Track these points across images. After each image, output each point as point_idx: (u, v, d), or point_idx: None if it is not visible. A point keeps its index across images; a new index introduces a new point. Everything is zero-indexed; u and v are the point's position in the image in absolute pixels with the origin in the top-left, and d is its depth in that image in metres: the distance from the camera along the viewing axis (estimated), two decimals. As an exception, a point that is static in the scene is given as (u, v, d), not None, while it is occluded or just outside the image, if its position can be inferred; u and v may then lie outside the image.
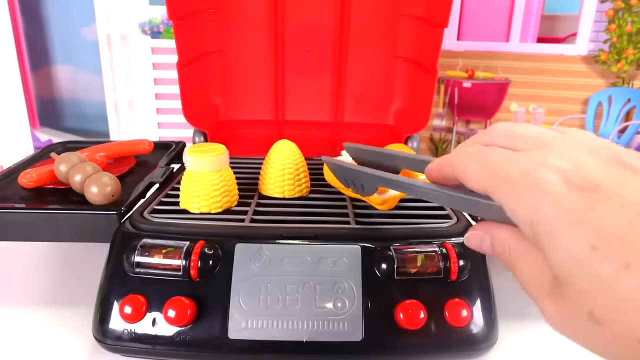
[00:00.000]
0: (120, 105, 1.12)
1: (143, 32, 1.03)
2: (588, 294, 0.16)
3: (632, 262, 0.14)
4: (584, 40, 1.40)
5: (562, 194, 0.16)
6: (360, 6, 0.62)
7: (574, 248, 0.16)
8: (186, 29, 0.59)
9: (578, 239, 0.16)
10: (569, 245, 0.16)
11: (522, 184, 0.17)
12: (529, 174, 0.17)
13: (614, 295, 0.15)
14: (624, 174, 0.16)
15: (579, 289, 0.16)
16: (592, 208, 0.15)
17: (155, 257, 0.36)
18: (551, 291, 0.17)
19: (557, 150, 0.18)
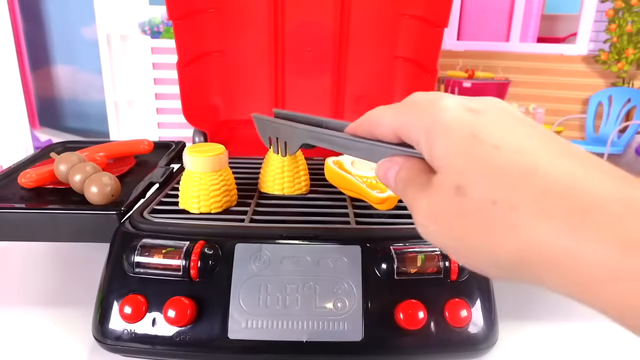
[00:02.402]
0: (120, 105, 1.12)
1: (143, 32, 1.03)
2: (459, 170, 0.19)
3: (503, 144, 0.19)
4: (584, 40, 1.40)
5: (457, 110, 0.21)
6: (360, 6, 0.62)
7: (457, 138, 0.20)
8: (186, 29, 0.59)
9: (463, 132, 0.20)
10: (454, 136, 0.20)
11: (427, 106, 0.22)
12: (433, 100, 0.22)
13: (481, 168, 0.19)
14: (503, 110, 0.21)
15: (453, 168, 0.20)
16: (478, 119, 0.20)
17: (155, 257, 0.36)
18: (428, 185, 0.21)
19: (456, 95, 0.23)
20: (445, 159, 0.20)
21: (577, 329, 0.42)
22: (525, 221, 0.17)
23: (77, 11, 1.09)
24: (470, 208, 0.19)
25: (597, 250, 0.16)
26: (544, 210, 0.17)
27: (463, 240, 0.19)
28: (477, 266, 0.20)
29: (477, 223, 0.19)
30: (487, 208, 0.18)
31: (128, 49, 1.07)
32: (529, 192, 0.17)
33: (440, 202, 0.20)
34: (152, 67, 1.07)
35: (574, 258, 0.16)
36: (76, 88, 1.17)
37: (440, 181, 0.20)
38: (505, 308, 0.40)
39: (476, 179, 0.19)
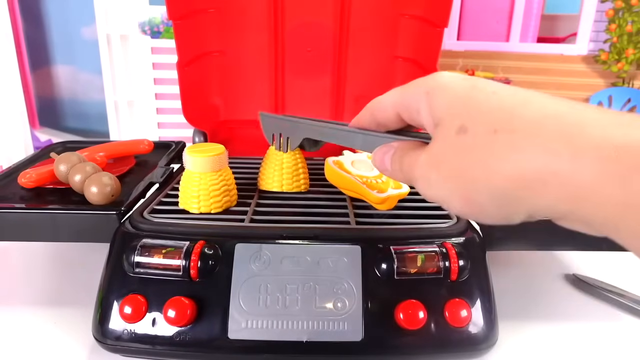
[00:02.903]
0: (120, 105, 1.12)
1: (143, 32, 1.03)
2: (461, 114, 0.21)
3: (499, 90, 0.21)
4: (584, 40, 1.40)
5: (454, 76, 0.23)
6: (360, 6, 0.62)
7: (459, 90, 0.22)
8: (186, 29, 0.59)
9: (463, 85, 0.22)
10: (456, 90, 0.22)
11: (425, 78, 0.24)
12: (430, 75, 0.24)
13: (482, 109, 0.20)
14: (498, 85, 0.22)
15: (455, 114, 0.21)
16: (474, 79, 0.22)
17: (155, 257, 0.36)
18: (424, 149, 0.23)
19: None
20: (445, 109, 0.22)
21: (577, 329, 0.42)
22: (524, 143, 0.18)
23: (77, 11, 1.09)
24: (472, 141, 0.20)
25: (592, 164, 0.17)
26: (541, 132, 0.18)
27: (463, 177, 0.21)
28: (475, 202, 0.21)
29: (479, 154, 0.20)
30: (489, 137, 0.20)
31: (128, 49, 1.07)
32: (526, 118, 0.19)
33: (441, 147, 0.22)
34: (152, 67, 1.07)
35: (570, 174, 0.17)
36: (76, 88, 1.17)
37: (442, 129, 0.22)
38: (505, 308, 0.40)
39: (477, 116, 0.20)
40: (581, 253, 0.55)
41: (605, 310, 0.45)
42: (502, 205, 0.20)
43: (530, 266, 0.53)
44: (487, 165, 0.20)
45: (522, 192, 0.19)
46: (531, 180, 0.18)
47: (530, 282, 0.50)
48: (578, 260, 0.55)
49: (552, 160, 0.18)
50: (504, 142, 0.19)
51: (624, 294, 0.46)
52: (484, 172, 0.20)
